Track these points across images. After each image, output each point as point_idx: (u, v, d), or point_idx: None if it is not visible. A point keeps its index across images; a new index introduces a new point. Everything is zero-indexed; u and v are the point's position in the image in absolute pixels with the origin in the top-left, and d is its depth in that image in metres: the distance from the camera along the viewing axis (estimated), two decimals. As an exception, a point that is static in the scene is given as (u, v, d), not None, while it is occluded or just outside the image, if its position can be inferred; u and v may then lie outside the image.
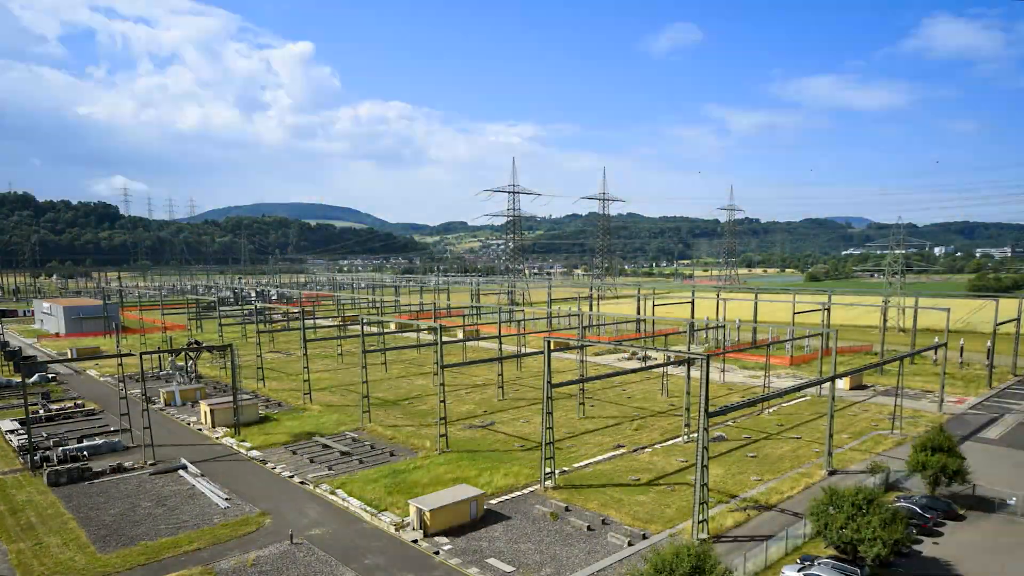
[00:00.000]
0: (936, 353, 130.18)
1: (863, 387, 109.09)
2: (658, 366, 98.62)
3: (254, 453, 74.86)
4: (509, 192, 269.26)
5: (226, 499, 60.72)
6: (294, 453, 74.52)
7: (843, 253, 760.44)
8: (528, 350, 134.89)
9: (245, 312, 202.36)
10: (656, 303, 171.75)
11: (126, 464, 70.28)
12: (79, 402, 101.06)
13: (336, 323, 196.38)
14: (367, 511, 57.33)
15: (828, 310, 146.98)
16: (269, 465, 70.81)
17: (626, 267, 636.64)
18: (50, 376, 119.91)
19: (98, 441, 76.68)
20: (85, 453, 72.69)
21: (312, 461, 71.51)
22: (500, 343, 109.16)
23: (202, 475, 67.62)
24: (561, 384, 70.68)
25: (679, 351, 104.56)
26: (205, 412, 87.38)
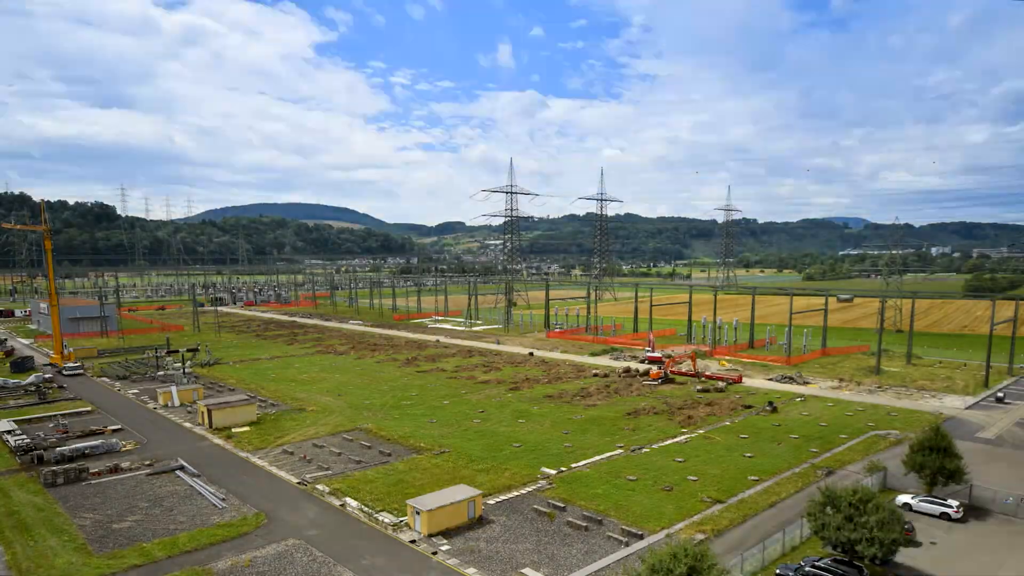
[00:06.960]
0: (934, 353, 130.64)
1: (860, 387, 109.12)
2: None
3: (251, 453, 74.76)
4: (507, 192, 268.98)
5: (223, 499, 60.60)
6: (292, 453, 74.42)
7: (840, 253, 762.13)
8: (527, 350, 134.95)
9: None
10: (654, 304, 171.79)
11: (123, 465, 70.15)
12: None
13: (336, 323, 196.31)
14: (365, 511, 57.29)
15: (826, 311, 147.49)
16: (267, 465, 70.72)
17: (624, 268, 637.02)
18: (47, 376, 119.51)
19: (95, 442, 76.51)
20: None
21: (310, 461, 71.43)
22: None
23: (199, 475, 67.48)
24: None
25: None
26: (203, 412, 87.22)
